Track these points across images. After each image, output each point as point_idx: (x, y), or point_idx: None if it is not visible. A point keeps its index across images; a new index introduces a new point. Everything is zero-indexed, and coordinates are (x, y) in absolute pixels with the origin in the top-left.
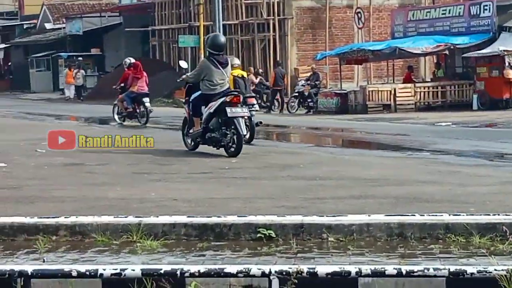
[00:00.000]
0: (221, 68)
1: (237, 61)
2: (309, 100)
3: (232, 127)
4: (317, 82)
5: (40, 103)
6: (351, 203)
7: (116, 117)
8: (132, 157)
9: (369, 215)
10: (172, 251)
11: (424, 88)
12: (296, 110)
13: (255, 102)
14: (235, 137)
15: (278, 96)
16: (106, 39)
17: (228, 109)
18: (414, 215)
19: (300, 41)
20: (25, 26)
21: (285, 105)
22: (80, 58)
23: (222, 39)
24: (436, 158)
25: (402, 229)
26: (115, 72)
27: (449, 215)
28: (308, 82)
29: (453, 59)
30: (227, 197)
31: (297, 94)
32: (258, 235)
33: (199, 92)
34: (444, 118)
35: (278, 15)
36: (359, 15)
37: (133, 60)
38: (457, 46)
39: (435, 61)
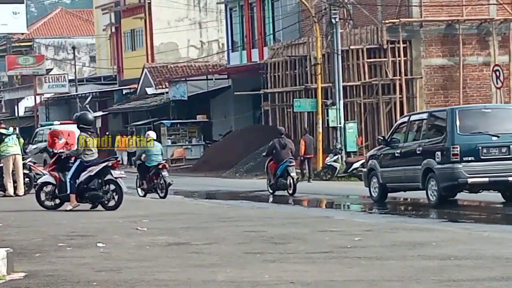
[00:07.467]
0: (93, 139)
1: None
2: None
3: (114, 186)
4: None
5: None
6: (492, 285)
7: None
8: (244, 235)
9: None
10: None
11: None
12: None
13: None
14: (115, 194)
15: (306, 166)
16: (214, 104)
17: (112, 172)
18: None
19: (430, 103)
20: (124, 92)
21: None
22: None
23: (91, 116)
24: None
25: None
26: (223, 141)
27: None
28: None
29: None
30: (349, 279)
31: None
32: None
33: (77, 163)
34: None
35: (406, 75)
36: (497, 73)
37: None
38: None
39: None
